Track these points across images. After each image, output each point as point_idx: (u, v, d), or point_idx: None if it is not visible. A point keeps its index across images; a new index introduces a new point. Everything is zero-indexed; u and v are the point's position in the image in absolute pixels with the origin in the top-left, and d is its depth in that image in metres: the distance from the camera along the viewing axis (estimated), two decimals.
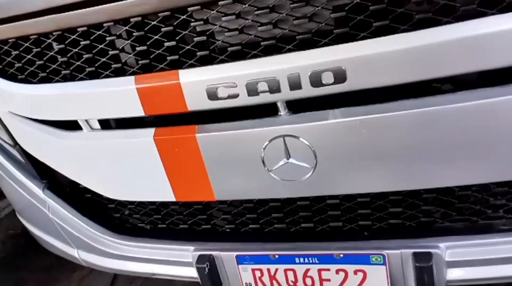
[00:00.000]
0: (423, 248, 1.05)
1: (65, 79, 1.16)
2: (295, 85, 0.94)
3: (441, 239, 1.07)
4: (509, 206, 1.06)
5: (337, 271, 1.12)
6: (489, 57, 0.85)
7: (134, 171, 1.19)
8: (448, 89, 0.96)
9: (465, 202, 1.08)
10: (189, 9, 0.96)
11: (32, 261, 2.64)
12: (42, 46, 1.15)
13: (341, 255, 1.10)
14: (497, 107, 0.88)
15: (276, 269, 1.17)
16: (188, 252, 1.27)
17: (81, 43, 1.09)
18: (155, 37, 1.02)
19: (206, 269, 1.20)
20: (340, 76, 0.90)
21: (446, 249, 1.05)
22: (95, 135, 1.19)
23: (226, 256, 1.21)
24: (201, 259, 1.22)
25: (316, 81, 0.92)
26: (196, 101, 1.01)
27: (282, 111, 1.01)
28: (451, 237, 1.07)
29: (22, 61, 1.19)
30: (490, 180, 0.99)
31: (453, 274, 1.07)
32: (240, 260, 1.19)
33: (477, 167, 0.96)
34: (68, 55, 1.12)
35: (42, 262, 2.57)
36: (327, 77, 0.91)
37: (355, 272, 1.10)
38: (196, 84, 0.99)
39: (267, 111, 1.02)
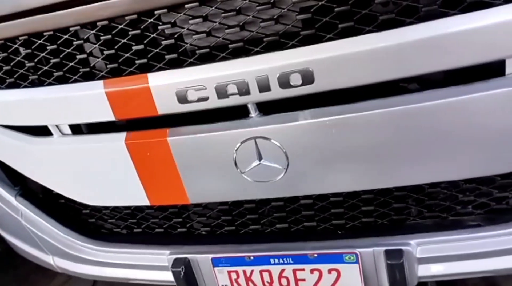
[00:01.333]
0: (394, 246, 1.06)
1: (33, 84, 1.14)
2: (264, 87, 0.94)
3: (412, 236, 1.08)
4: (478, 202, 1.08)
5: (312, 271, 1.13)
6: (452, 57, 0.87)
7: (107, 176, 1.18)
8: (415, 88, 0.98)
9: (434, 199, 1.09)
10: (156, 12, 0.95)
11: (10, 268, 2.59)
12: (9, 51, 1.13)
13: (315, 255, 1.11)
14: (463, 105, 0.90)
15: (252, 271, 1.18)
16: (163, 256, 1.26)
17: (48, 47, 1.07)
18: (123, 40, 1.01)
19: (182, 273, 1.20)
20: (308, 78, 0.91)
21: (417, 246, 1.07)
22: (66, 140, 1.18)
23: (201, 259, 1.21)
24: (176, 262, 1.21)
25: (284, 82, 0.93)
26: (166, 105, 1.01)
27: (253, 113, 1.01)
28: (422, 234, 1.08)
29: None
30: (459, 177, 1.01)
31: (425, 270, 1.09)
32: (216, 262, 1.19)
33: (445, 165, 0.97)
34: (36, 60, 1.11)
35: (20, 268, 2.52)
36: (295, 79, 0.92)
37: (329, 271, 1.11)
38: (165, 87, 0.99)
39: (241, 113, 1.03)
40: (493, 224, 1.07)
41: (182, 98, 0.99)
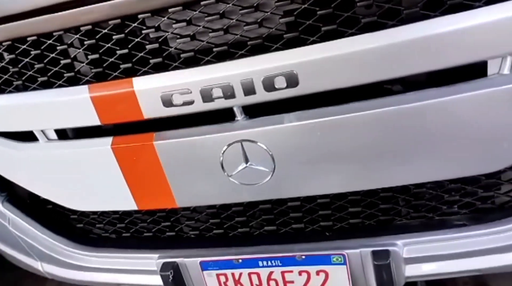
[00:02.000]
0: (381, 246, 1.07)
1: (18, 89, 1.14)
2: (249, 90, 0.94)
3: (398, 236, 1.09)
4: (463, 201, 1.09)
5: (300, 273, 1.13)
6: (435, 58, 0.87)
7: (94, 181, 1.17)
8: (399, 90, 0.99)
9: (420, 199, 1.10)
10: (139, 16, 0.95)
11: (0, 273, 2.56)
12: None
13: (303, 257, 1.11)
14: (447, 106, 0.91)
15: (241, 273, 1.18)
16: (152, 260, 1.26)
17: (32, 52, 1.07)
18: (108, 45, 1.01)
19: (170, 277, 1.19)
20: (292, 80, 0.92)
21: (403, 246, 1.08)
22: (52, 145, 1.17)
23: (190, 262, 1.21)
24: (165, 266, 1.21)
25: (269, 85, 0.93)
26: (151, 109, 1.01)
27: (239, 116, 1.02)
28: (408, 234, 1.09)
29: None
30: (444, 178, 1.02)
31: (412, 270, 1.10)
32: (204, 266, 1.19)
33: (430, 165, 0.98)
34: (20, 65, 1.10)
35: (11, 274, 2.49)
36: (280, 82, 0.92)
37: (317, 272, 1.11)
38: (150, 91, 0.99)
39: (227, 116, 1.03)
40: (478, 223, 1.08)
41: (168, 102, 0.98)
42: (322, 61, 0.89)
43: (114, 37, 1.00)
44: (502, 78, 0.89)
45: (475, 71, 0.91)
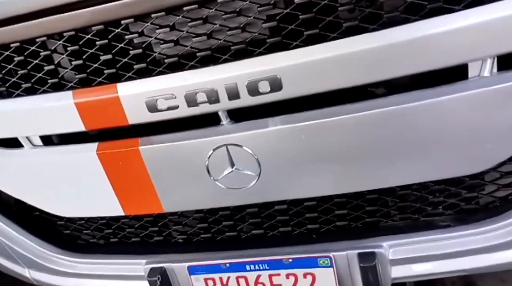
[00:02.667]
0: (367, 248, 1.07)
1: (2, 96, 1.13)
2: (233, 94, 0.94)
3: (384, 238, 1.10)
4: (447, 202, 1.10)
5: (287, 276, 1.13)
6: (417, 61, 0.88)
7: (80, 186, 1.17)
8: (382, 93, 0.99)
9: (406, 201, 1.11)
10: (122, 22, 0.95)
11: None
12: None
13: (290, 260, 1.11)
14: (429, 109, 0.92)
15: (228, 277, 1.18)
16: (140, 265, 1.26)
17: (16, 59, 1.06)
18: (91, 51, 1.01)
19: (158, 282, 1.19)
20: (276, 85, 0.92)
21: (389, 248, 1.09)
22: (37, 152, 1.16)
23: (178, 267, 1.20)
24: (152, 272, 1.21)
25: (253, 90, 0.93)
26: (136, 114, 1.01)
27: (224, 121, 1.02)
28: (394, 236, 1.10)
29: None
30: (428, 179, 1.03)
31: (398, 271, 1.10)
32: (192, 270, 1.19)
33: (415, 167, 0.99)
34: (3, 72, 1.09)
35: (1, 280, 2.47)
36: (264, 86, 0.92)
37: (305, 275, 1.12)
38: (135, 97, 0.99)
39: (213, 120, 1.03)
40: (463, 224, 1.09)
41: (152, 107, 0.98)
42: (305, 65, 0.90)
43: (97, 42, 1.00)
44: (483, 81, 0.90)
45: (456, 73, 0.92)
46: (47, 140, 1.17)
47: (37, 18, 0.98)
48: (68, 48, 1.02)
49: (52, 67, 1.06)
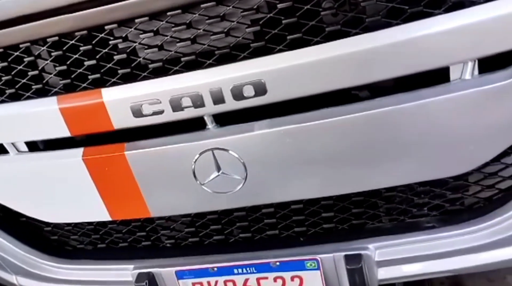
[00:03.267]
0: (354, 250, 1.08)
1: None
2: (218, 99, 0.95)
3: (370, 240, 1.11)
4: (432, 204, 1.11)
5: (275, 279, 1.14)
6: (400, 65, 0.89)
7: (66, 192, 1.16)
8: (366, 96, 1.00)
9: (391, 203, 1.12)
10: (106, 27, 0.95)
11: None
12: None
13: (277, 263, 1.12)
14: (412, 111, 0.92)
15: (216, 281, 1.18)
16: (128, 270, 1.25)
17: None
18: (75, 56, 1.01)
19: None
20: (260, 89, 0.92)
21: (375, 249, 1.09)
22: (23, 157, 1.16)
23: (165, 272, 1.20)
24: (140, 277, 1.21)
25: (238, 94, 0.94)
26: (121, 119, 1.01)
27: (210, 125, 1.02)
28: (380, 237, 1.11)
29: None
30: (413, 181, 1.04)
31: (384, 273, 1.11)
32: (180, 275, 1.19)
33: (400, 169, 1.00)
34: None
35: None
36: (248, 90, 0.93)
37: (292, 278, 1.12)
38: (119, 102, 0.99)
39: (199, 124, 1.03)
40: (448, 225, 1.10)
41: (137, 112, 0.98)
42: (289, 69, 0.90)
43: (82, 48, 0.99)
44: (464, 83, 0.91)
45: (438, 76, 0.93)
46: (33, 146, 1.16)
47: (20, 24, 0.98)
48: (52, 54, 1.01)
49: (36, 72, 1.05)
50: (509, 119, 0.93)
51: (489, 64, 0.91)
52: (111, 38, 0.98)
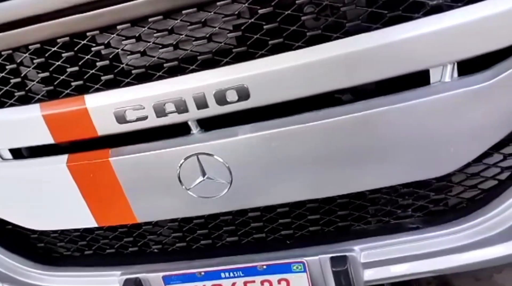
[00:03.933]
0: (339, 252, 1.09)
1: None
2: (201, 104, 0.95)
3: (355, 242, 1.11)
4: (416, 205, 1.12)
5: (262, 282, 1.14)
6: (380, 68, 0.90)
7: (51, 199, 1.16)
8: (349, 99, 1.01)
9: (376, 204, 1.13)
10: (88, 33, 0.95)
11: None
12: None
13: (264, 266, 1.12)
14: (393, 114, 0.94)
15: None
16: (115, 277, 1.25)
17: None
18: (58, 63, 1.01)
19: None
20: (243, 94, 0.93)
21: (360, 251, 1.10)
22: (7, 165, 1.15)
23: (152, 277, 1.20)
24: (127, 283, 1.20)
25: (221, 99, 0.94)
26: (105, 125, 1.00)
27: (194, 130, 1.02)
28: (365, 239, 1.11)
29: None
30: (396, 182, 1.05)
31: (370, 274, 1.12)
32: (167, 280, 1.19)
33: (383, 172, 1.01)
34: None
35: None
36: (231, 95, 0.93)
37: (279, 281, 1.13)
38: (103, 108, 0.99)
39: (184, 129, 1.03)
40: (431, 225, 1.11)
41: (121, 118, 0.98)
42: (271, 74, 0.91)
43: (64, 54, 0.99)
44: (444, 86, 0.92)
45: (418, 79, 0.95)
46: (17, 153, 1.16)
47: (2, 31, 0.97)
48: (35, 61, 1.01)
49: (19, 79, 1.05)
50: (489, 120, 0.95)
51: (468, 66, 0.92)
52: (94, 44, 0.98)
